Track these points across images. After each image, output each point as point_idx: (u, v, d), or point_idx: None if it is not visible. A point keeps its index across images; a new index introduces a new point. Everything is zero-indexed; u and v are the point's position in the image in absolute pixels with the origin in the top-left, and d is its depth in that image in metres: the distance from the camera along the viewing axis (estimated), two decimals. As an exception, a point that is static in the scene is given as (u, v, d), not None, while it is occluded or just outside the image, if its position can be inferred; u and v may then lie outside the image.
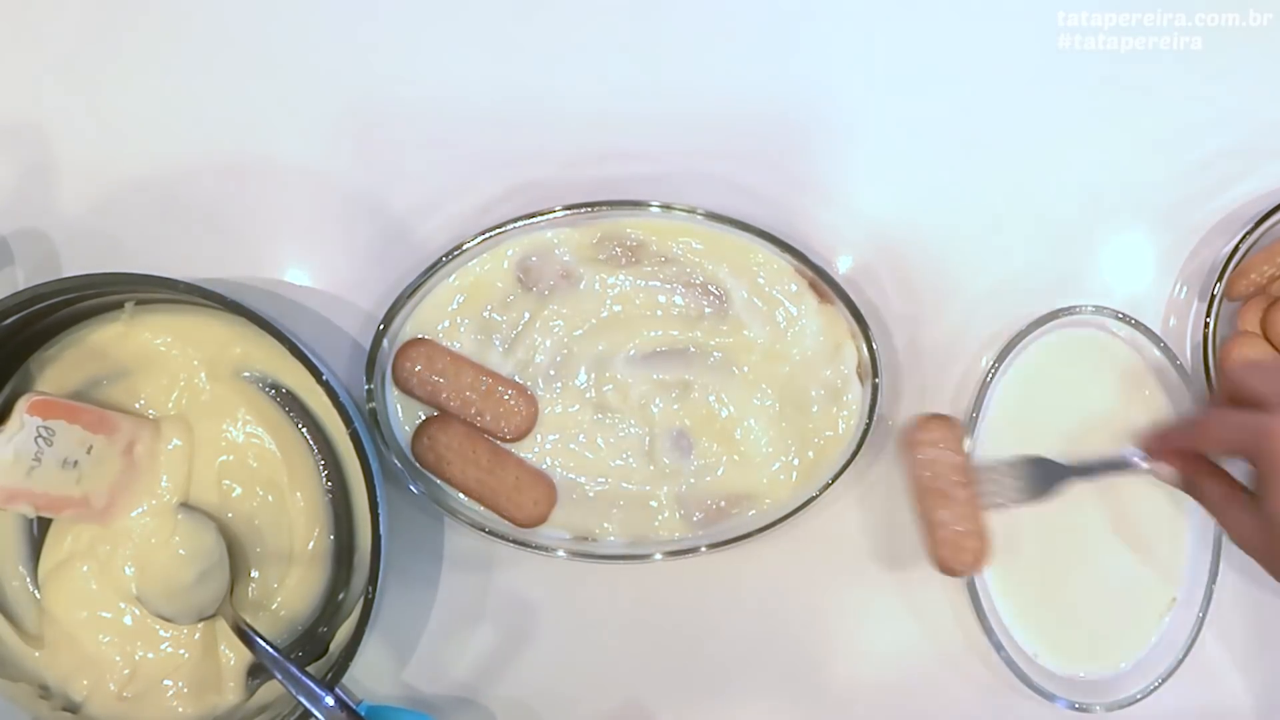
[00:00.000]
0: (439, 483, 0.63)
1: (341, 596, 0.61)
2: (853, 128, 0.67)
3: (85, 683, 0.60)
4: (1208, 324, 0.63)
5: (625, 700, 0.65)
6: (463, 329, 0.63)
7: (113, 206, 0.65)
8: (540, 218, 0.62)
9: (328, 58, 0.66)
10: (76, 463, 0.58)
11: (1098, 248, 0.68)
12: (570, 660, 0.65)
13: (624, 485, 0.63)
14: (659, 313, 0.64)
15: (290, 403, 0.62)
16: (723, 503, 0.63)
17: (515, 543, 0.62)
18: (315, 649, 0.61)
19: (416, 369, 0.62)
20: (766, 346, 0.63)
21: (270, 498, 0.61)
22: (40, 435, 0.56)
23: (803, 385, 0.64)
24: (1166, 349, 0.64)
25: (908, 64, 0.67)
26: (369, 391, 0.61)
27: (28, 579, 0.61)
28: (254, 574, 0.62)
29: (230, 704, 0.60)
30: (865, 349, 0.62)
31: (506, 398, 0.62)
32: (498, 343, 0.63)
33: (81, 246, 0.65)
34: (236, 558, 0.61)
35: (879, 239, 0.66)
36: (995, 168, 0.67)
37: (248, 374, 0.61)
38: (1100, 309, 0.64)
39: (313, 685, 0.54)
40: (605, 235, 0.63)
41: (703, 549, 0.62)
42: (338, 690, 0.55)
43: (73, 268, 0.64)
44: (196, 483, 0.61)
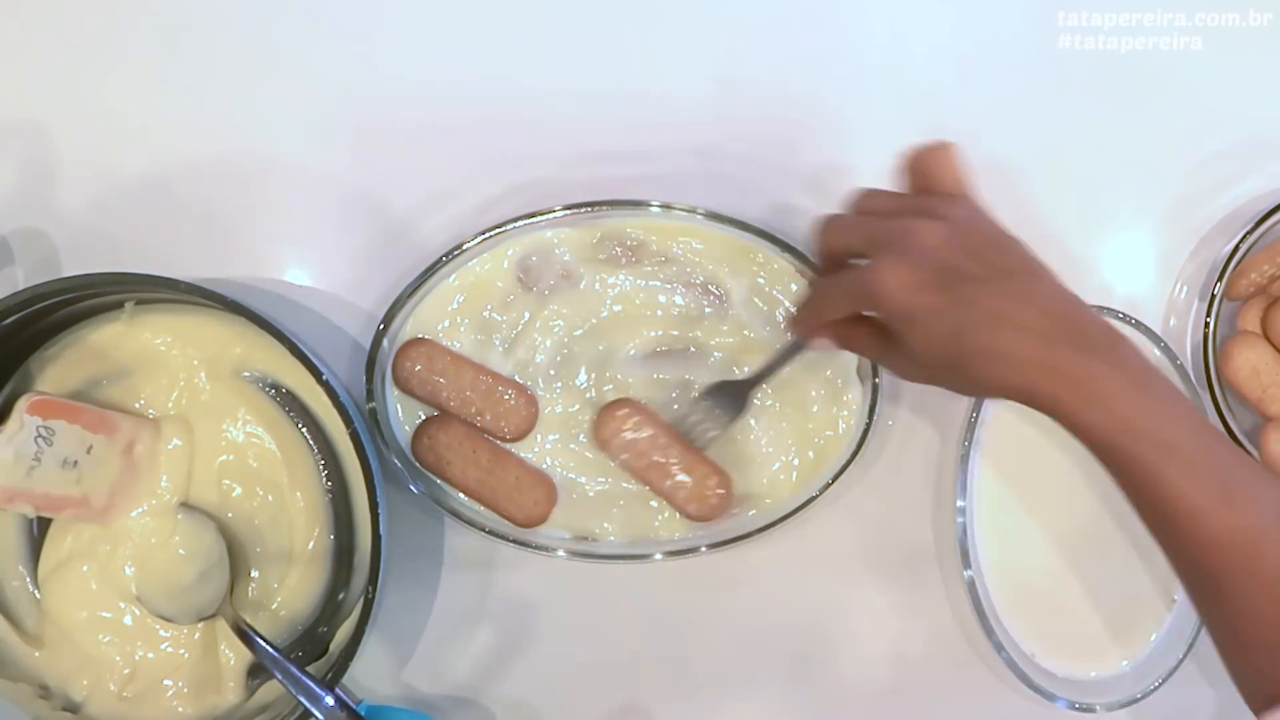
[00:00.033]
0: (439, 483, 0.63)
1: (341, 596, 0.61)
2: (852, 127, 0.67)
3: (85, 683, 0.60)
4: (1208, 324, 0.63)
5: (625, 700, 0.65)
6: (463, 329, 0.63)
7: (113, 206, 0.65)
8: (540, 217, 0.62)
9: (328, 57, 0.66)
10: (76, 463, 0.58)
11: (1097, 248, 0.68)
12: (570, 660, 0.65)
13: (624, 485, 0.63)
14: (659, 312, 0.64)
15: (290, 403, 0.62)
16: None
17: (515, 543, 0.62)
18: (315, 649, 0.60)
19: (416, 369, 0.62)
20: (767, 346, 0.63)
21: (270, 498, 0.61)
22: (40, 435, 0.56)
23: (803, 385, 0.64)
24: (1167, 349, 0.64)
25: (908, 64, 0.67)
26: (369, 391, 0.61)
27: (28, 579, 0.61)
28: (254, 574, 0.62)
29: (230, 704, 0.60)
30: (865, 349, 0.62)
31: (506, 397, 0.62)
32: (498, 342, 0.63)
33: (81, 246, 0.65)
34: (236, 558, 0.61)
35: (879, 239, 0.66)
36: (995, 168, 0.67)
37: (248, 374, 0.61)
38: (1100, 309, 0.64)
39: (313, 685, 0.54)
40: (605, 235, 0.63)
41: (703, 549, 0.62)
42: (338, 690, 0.55)
43: (73, 268, 0.64)
44: (196, 483, 0.61)
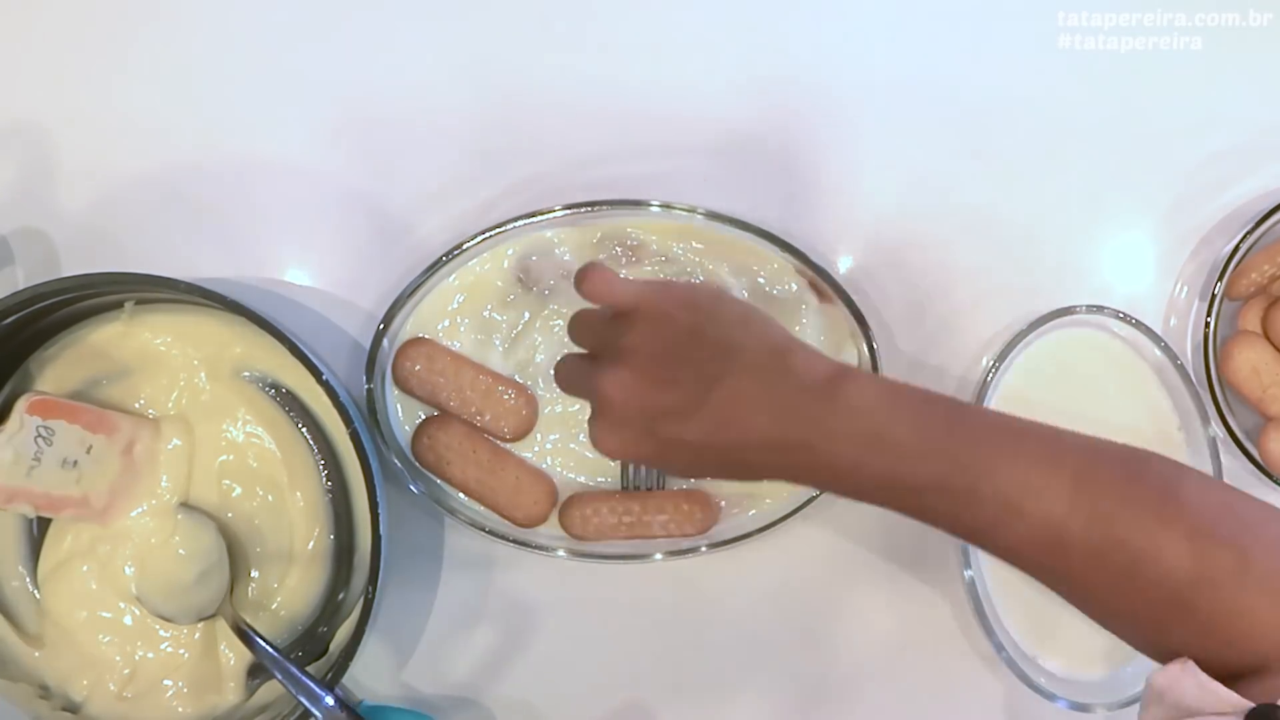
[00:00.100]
0: (439, 483, 0.63)
1: (341, 596, 0.61)
2: (853, 127, 0.67)
3: (85, 683, 0.60)
4: (1208, 324, 0.63)
5: (625, 700, 0.65)
6: (463, 328, 0.63)
7: (113, 206, 0.65)
8: (540, 217, 0.62)
9: (328, 57, 0.66)
10: (76, 462, 0.58)
11: (1098, 247, 0.68)
12: (570, 660, 0.65)
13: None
14: (659, 312, 0.64)
15: (290, 403, 0.62)
16: (723, 503, 0.63)
17: (515, 543, 0.62)
18: (315, 649, 0.60)
19: (416, 369, 0.62)
20: (767, 346, 0.63)
21: (270, 498, 0.61)
22: (40, 435, 0.56)
23: (803, 385, 0.63)
24: (1167, 349, 0.64)
25: (908, 64, 0.67)
26: (369, 391, 0.61)
27: (28, 579, 0.61)
28: (254, 574, 0.62)
29: (230, 704, 0.60)
30: (865, 349, 0.62)
31: (506, 397, 0.62)
32: (498, 342, 0.63)
33: (81, 246, 0.64)
34: (236, 558, 0.61)
35: (879, 239, 0.66)
36: (995, 168, 0.67)
37: (248, 374, 0.61)
38: (1100, 309, 0.64)
39: (313, 685, 0.54)
40: (605, 235, 0.63)
41: (703, 549, 0.62)
42: (338, 690, 0.55)
43: (73, 268, 0.64)
44: (196, 483, 0.61)
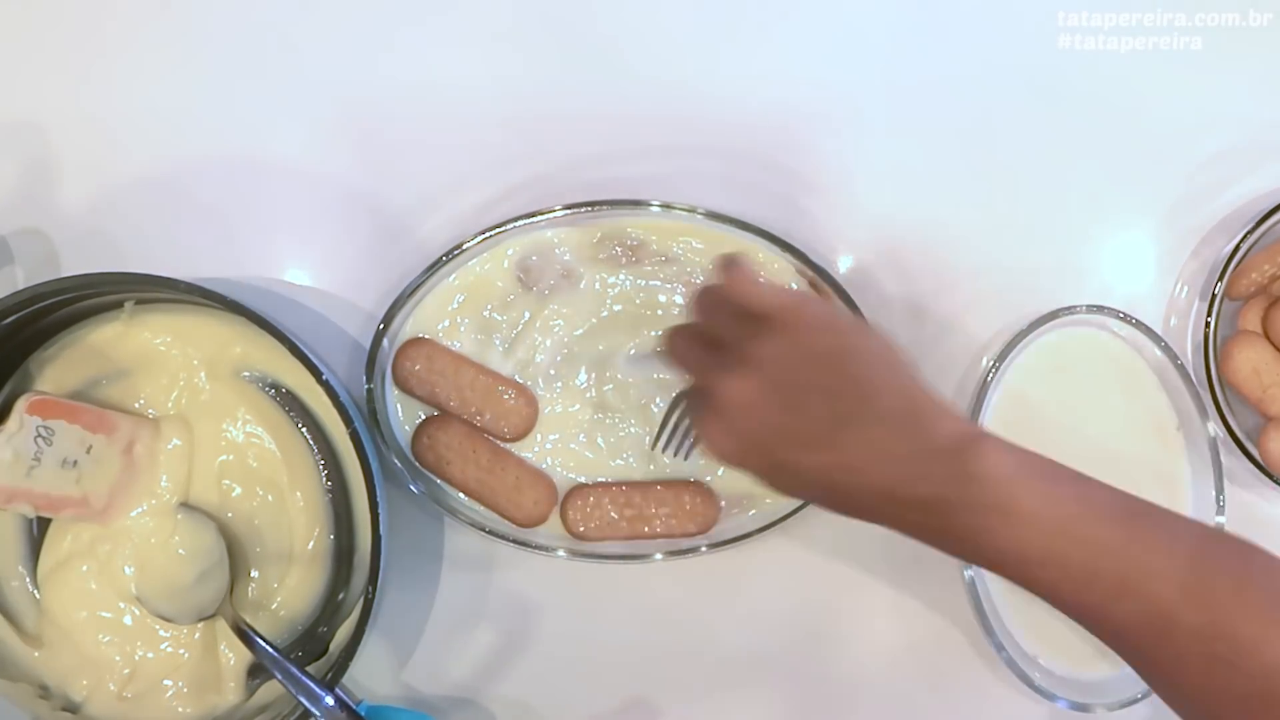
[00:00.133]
0: (439, 482, 0.63)
1: (341, 596, 0.61)
2: (853, 127, 0.67)
3: (85, 683, 0.60)
4: (1208, 323, 0.63)
5: (625, 700, 0.65)
6: (463, 328, 0.63)
7: (113, 206, 0.65)
8: (540, 217, 0.62)
9: (328, 57, 0.66)
10: (76, 462, 0.58)
11: (1098, 247, 0.68)
12: (570, 660, 0.65)
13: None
14: (659, 312, 0.64)
15: (290, 403, 0.62)
16: (723, 503, 0.63)
17: (515, 543, 0.62)
18: (315, 649, 0.60)
19: (416, 368, 0.62)
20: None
21: (270, 498, 0.61)
22: (40, 435, 0.56)
23: (803, 385, 0.63)
24: (1167, 349, 0.64)
25: (908, 64, 0.67)
26: (369, 391, 0.61)
27: (27, 579, 0.61)
28: (254, 574, 0.61)
29: (230, 704, 0.60)
30: (865, 349, 0.62)
31: (507, 397, 0.62)
32: (498, 342, 0.63)
33: (81, 246, 0.64)
34: (236, 558, 0.61)
35: (879, 239, 0.66)
36: (995, 167, 0.67)
37: (247, 374, 0.61)
38: (1100, 308, 0.64)
39: (313, 685, 0.54)
40: (605, 235, 0.63)
41: (703, 549, 0.62)
42: (338, 690, 0.55)
43: (73, 268, 0.64)
44: (196, 482, 0.61)
